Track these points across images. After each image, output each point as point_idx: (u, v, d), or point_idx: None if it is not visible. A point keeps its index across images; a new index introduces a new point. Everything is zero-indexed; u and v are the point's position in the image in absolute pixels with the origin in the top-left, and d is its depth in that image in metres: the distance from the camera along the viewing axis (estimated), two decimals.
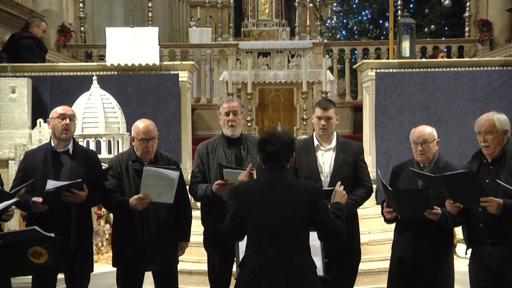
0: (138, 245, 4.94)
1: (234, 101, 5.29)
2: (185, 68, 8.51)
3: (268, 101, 11.49)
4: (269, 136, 3.98)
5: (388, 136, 8.28)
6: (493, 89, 8.25)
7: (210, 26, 16.29)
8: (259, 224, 3.84)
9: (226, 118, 5.17)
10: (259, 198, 3.86)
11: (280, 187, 3.87)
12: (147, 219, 4.97)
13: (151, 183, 4.78)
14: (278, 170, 3.92)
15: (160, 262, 5.00)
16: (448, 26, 14.57)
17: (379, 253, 6.93)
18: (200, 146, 5.31)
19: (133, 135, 5.07)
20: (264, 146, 3.94)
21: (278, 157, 3.92)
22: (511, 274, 4.35)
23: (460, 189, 4.32)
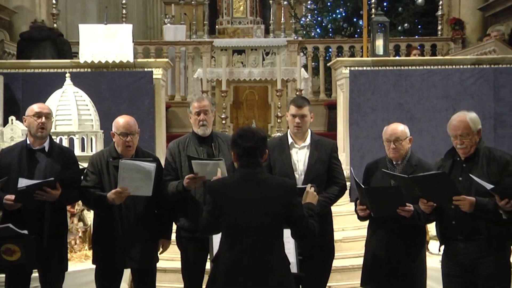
0: (118, 242, 4.92)
1: (204, 99, 5.25)
2: (159, 66, 8.48)
3: (242, 98, 11.51)
4: (245, 131, 4.00)
5: (362, 133, 8.33)
6: (465, 87, 8.33)
7: (185, 24, 16.25)
8: (233, 220, 3.85)
9: (197, 117, 5.14)
10: (234, 194, 3.87)
11: (254, 183, 3.88)
12: (127, 216, 4.94)
13: (128, 176, 4.74)
14: (252, 166, 3.93)
15: (140, 260, 4.98)
16: (421, 25, 14.70)
17: (352, 250, 6.96)
18: (172, 145, 5.29)
19: (114, 130, 5.05)
20: (240, 142, 3.95)
21: (254, 152, 3.93)
22: (482, 270, 4.40)
23: (433, 189, 4.35)
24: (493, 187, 4.16)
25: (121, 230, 4.93)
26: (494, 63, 8.45)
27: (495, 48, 9.92)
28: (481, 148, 4.49)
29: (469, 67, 8.46)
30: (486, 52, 10.07)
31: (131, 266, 5.09)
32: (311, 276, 4.81)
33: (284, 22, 16.04)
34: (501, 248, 4.41)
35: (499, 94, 8.29)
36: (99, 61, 8.20)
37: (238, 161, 4.00)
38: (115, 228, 4.94)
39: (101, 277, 5.06)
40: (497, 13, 13.56)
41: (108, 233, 4.96)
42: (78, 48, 8.53)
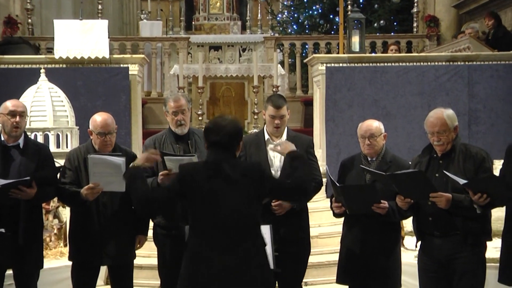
0: (94, 239, 4.89)
1: (181, 99, 5.20)
2: (135, 62, 8.45)
3: (219, 95, 11.49)
4: (213, 124, 3.97)
5: (338, 130, 8.37)
6: (440, 84, 8.40)
7: (161, 20, 16.18)
8: (200, 208, 3.83)
9: (174, 117, 5.12)
10: (202, 182, 3.84)
11: (225, 173, 3.85)
12: (104, 213, 4.92)
13: (98, 171, 4.71)
14: (221, 155, 3.90)
15: (116, 256, 4.96)
16: (397, 22, 14.79)
17: (329, 246, 6.99)
18: (148, 142, 5.27)
19: (91, 128, 5.01)
20: (208, 135, 3.95)
21: (220, 146, 3.90)
22: (458, 265, 4.44)
23: (410, 186, 4.39)
24: (466, 182, 4.20)
25: (98, 226, 4.90)
26: (469, 60, 8.53)
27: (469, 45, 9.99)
28: (458, 144, 4.53)
29: (444, 64, 8.53)
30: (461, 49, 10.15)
31: (107, 263, 5.07)
32: (287, 272, 4.82)
33: (261, 19, 16.03)
34: (477, 244, 4.46)
35: (473, 90, 8.37)
36: (75, 57, 8.14)
37: (208, 149, 3.99)
38: (92, 225, 4.91)
39: (77, 274, 5.03)
40: (471, 10, 13.69)
41: (84, 230, 4.93)
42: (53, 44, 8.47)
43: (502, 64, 8.41)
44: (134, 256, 5.19)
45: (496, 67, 8.39)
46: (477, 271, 4.45)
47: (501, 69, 8.36)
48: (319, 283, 6.78)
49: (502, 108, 8.16)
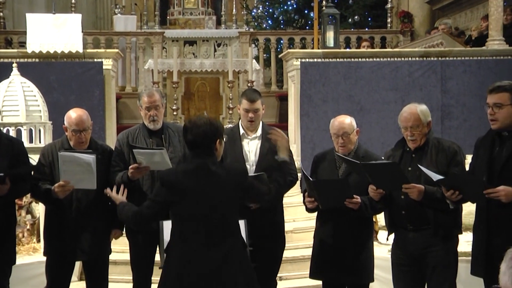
0: (69, 235, 4.86)
1: (155, 94, 5.17)
2: (109, 56, 8.39)
3: (194, 90, 11.47)
4: (190, 124, 3.96)
5: (312, 125, 8.39)
6: (413, 79, 8.46)
7: (135, 14, 16.09)
8: (187, 210, 3.83)
9: (147, 112, 5.11)
10: (187, 184, 3.84)
11: (206, 173, 3.86)
12: (79, 209, 4.89)
13: (68, 169, 4.67)
14: (203, 156, 3.91)
15: (92, 252, 4.94)
16: (371, 17, 14.89)
17: (303, 241, 7.01)
18: (121, 136, 5.24)
19: (66, 125, 4.96)
20: (185, 134, 3.95)
21: (197, 145, 3.90)
22: (430, 259, 4.48)
23: (384, 177, 4.41)
24: (439, 179, 4.24)
25: (72, 222, 4.87)
26: (442, 56, 8.60)
27: (442, 41, 10.09)
28: (431, 139, 4.57)
29: (417, 59, 8.59)
30: (434, 45, 10.24)
31: (83, 258, 5.05)
32: (262, 267, 4.83)
33: (236, 14, 16.02)
34: (449, 237, 4.50)
35: (446, 86, 8.45)
36: (47, 51, 8.06)
37: (188, 150, 4.00)
38: (67, 220, 4.87)
39: (51, 269, 4.99)
40: (444, 6, 13.83)
41: (59, 225, 4.90)
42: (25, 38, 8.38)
43: (474, 59, 8.50)
44: (109, 252, 5.17)
45: (469, 62, 8.48)
46: (449, 264, 4.50)
47: (473, 65, 8.45)
48: (293, 278, 6.79)
49: (474, 104, 8.24)
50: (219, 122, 4.14)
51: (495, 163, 4.27)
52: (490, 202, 4.20)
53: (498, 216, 4.21)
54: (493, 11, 8.53)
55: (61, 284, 4.99)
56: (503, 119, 4.23)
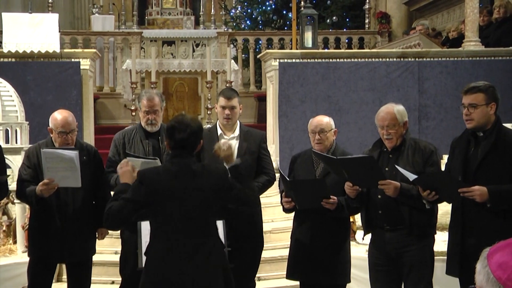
0: (56, 236, 4.84)
1: (155, 98, 5.15)
2: (86, 56, 8.34)
3: (172, 90, 11.44)
4: (178, 123, 3.93)
5: (291, 125, 8.41)
6: (391, 80, 8.51)
7: (113, 14, 16.02)
8: (168, 210, 3.82)
9: (146, 116, 5.12)
10: (168, 184, 3.83)
11: (188, 173, 3.86)
12: (65, 211, 4.87)
13: (52, 167, 4.64)
14: (185, 156, 3.91)
15: (77, 253, 4.93)
16: (349, 18, 14.95)
17: (282, 241, 7.02)
18: (117, 136, 5.26)
19: (51, 126, 4.93)
20: (173, 133, 3.91)
21: (186, 144, 3.90)
22: (407, 258, 4.51)
23: (360, 172, 4.43)
24: (415, 178, 4.27)
25: (59, 223, 4.85)
26: (419, 57, 8.65)
27: (419, 42, 10.15)
28: (407, 139, 4.60)
29: (395, 60, 8.64)
30: (411, 46, 10.30)
31: (69, 260, 5.02)
32: (240, 267, 4.83)
33: (214, 14, 16.01)
34: (424, 236, 4.54)
35: (423, 86, 8.50)
36: (24, 50, 8.00)
37: (171, 150, 3.97)
38: (53, 222, 4.86)
39: (34, 270, 4.97)
40: (422, 7, 13.93)
41: (45, 227, 4.88)
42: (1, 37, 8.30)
43: (451, 60, 8.56)
44: (94, 252, 5.17)
45: (445, 63, 8.54)
46: (425, 264, 4.53)
47: (450, 66, 8.51)
48: (272, 278, 6.80)
49: (451, 104, 8.31)
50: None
51: (470, 163, 4.32)
52: (465, 202, 4.25)
53: (473, 216, 4.26)
54: (469, 13, 8.60)
55: (43, 285, 4.97)
56: (478, 119, 4.28)
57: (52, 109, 5.13)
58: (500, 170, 4.21)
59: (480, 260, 1.81)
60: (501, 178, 4.19)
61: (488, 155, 4.25)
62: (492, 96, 4.31)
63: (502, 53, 8.56)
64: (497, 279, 1.74)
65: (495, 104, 4.31)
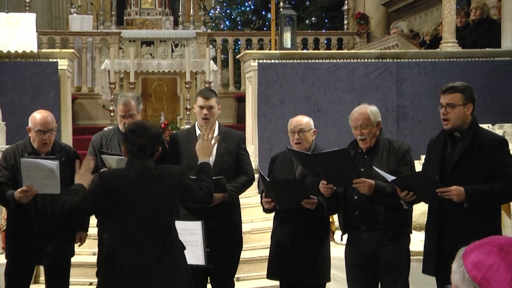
0: (34, 238, 4.80)
1: (130, 102, 5.13)
2: (64, 56, 8.29)
3: (151, 90, 11.40)
4: (137, 127, 3.93)
5: (270, 126, 8.42)
6: (369, 81, 8.54)
7: (92, 14, 15.92)
8: (128, 214, 3.80)
9: (122, 120, 5.10)
10: (129, 189, 3.81)
11: (148, 177, 3.85)
12: (43, 213, 4.83)
13: (32, 175, 4.61)
14: (145, 159, 3.89)
15: (56, 255, 4.89)
16: (328, 19, 14.99)
17: (261, 242, 7.03)
18: (95, 137, 5.24)
19: (30, 126, 4.89)
20: (131, 138, 3.89)
21: (145, 149, 3.89)
22: (383, 258, 4.54)
23: (335, 169, 4.44)
24: (394, 179, 4.29)
25: (37, 226, 4.82)
26: (397, 58, 8.70)
27: (398, 43, 10.22)
28: (381, 140, 4.63)
29: (373, 61, 8.67)
30: (390, 47, 10.37)
31: (46, 262, 4.98)
32: (219, 267, 4.84)
33: (193, 14, 15.98)
34: (400, 235, 4.56)
35: (401, 87, 8.55)
36: (1, 50, 7.92)
37: (129, 154, 3.94)
38: (30, 224, 4.82)
39: (11, 273, 4.93)
40: (400, 8, 14.02)
41: (23, 229, 4.83)
42: None
43: (428, 61, 8.62)
44: (73, 254, 5.14)
45: (423, 64, 8.60)
46: (401, 263, 4.56)
47: (428, 66, 8.57)
48: (251, 279, 6.81)
49: (429, 105, 8.36)
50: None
51: (447, 164, 4.35)
52: (442, 202, 4.29)
53: (450, 216, 4.30)
54: (447, 14, 8.67)
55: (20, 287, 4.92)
56: (455, 119, 4.31)
57: (30, 110, 5.10)
58: (476, 170, 4.25)
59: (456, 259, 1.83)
60: (477, 178, 4.23)
61: (464, 155, 4.28)
62: (469, 97, 4.35)
63: (479, 54, 8.64)
64: (473, 279, 1.76)
65: (472, 105, 4.35)
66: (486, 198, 4.21)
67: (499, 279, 1.73)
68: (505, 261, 1.74)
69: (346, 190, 4.64)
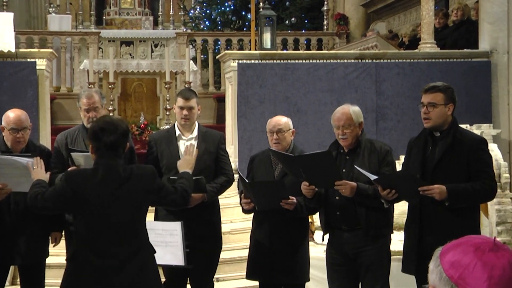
0: (6, 238, 4.76)
1: (94, 95, 5.14)
2: (43, 56, 8.22)
3: (130, 90, 11.34)
4: (107, 124, 3.81)
5: (250, 126, 8.41)
6: (349, 81, 8.56)
7: (70, 14, 15.81)
8: (94, 216, 3.74)
9: (86, 114, 5.07)
10: (94, 191, 3.74)
11: (116, 178, 3.78)
12: (16, 212, 4.80)
13: (6, 173, 4.58)
14: (113, 159, 3.81)
15: (29, 255, 4.86)
16: (308, 19, 15.03)
17: (241, 242, 7.03)
18: (59, 137, 5.19)
19: (3, 124, 4.88)
20: (102, 135, 3.78)
21: (117, 146, 3.81)
22: (364, 258, 4.56)
23: (317, 171, 4.45)
24: (376, 178, 4.32)
25: (9, 225, 4.79)
26: (376, 58, 8.72)
27: (377, 44, 10.27)
28: (363, 140, 4.65)
29: (353, 61, 8.69)
30: (369, 47, 10.41)
31: (19, 262, 4.94)
32: (199, 268, 4.84)
33: (173, 14, 15.93)
34: (381, 236, 4.59)
35: (380, 88, 8.57)
36: None
37: (96, 153, 3.85)
38: (4, 223, 4.78)
39: None
40: (379, 9, 14.09)
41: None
42: None
43: (407, 62, 8.66)
44: (47, 255, 5.10)
45: (402, 65, 8.63)
46: (382, 263, 4.59)
47: (407, 67, 8.61)
48: (230, 279, 6.81)
49: (408, 105, 8.40)
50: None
51: (428, 163, 4.39)
52: (423, 201, 4.32)
53: (430, 214, 4.33)
54: (425, 15, 8.72)
55: None
56: (436, 119, 4.35)
57: (7, 110, 5.05)
58: (457, 170, 4.29)
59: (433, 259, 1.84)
60: (458, 177, 4.28)
61: (445, 155, 4.32)
62: (450, 97, 4.40)
63: (457, 55, 8.70)
64: (450, 278, 1.77)
65: (453, 105, 4.40)
66: (467, 196, 4.26)
67: (476, 278, 1.74)
68: (481, 260, 1.76)
69: (327, 190, 4.65)
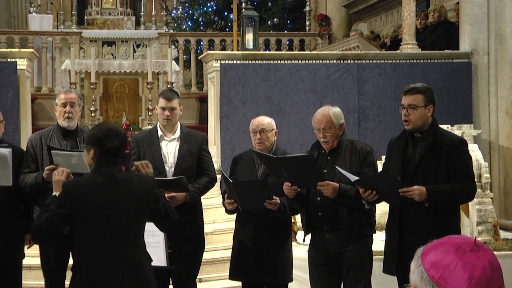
0: None
1: (72, 92, 5.18)
2: (23, 56, 8.17)
3: (112, 91, 11.30)
4: (109, 130, 3.82)
5: (232, 126, 8.41)
6: (331, 82, 8.58)
7: (52, 13, 15.71)
8: (96, 223, 3.72)
9: (62, 109, 5.04)
10: (96, 196, 3.73)
11: (117, 184, 3.78)
12: None
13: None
14: (112, 166, 3.81)
15: (5, 256, 4.80)
16: (290, 20, 15.06)
17: (223, 242, 7.03)
18: (33, 136, 5.16)
19: None
20: (106, 142, 3.77)
21: (119, 153, 3.82)
22: (346, 258, 4.58)
23: (299, 172, 4.46)
24: (357, 179, 4.34)
25: None
26: (358, 59, 8.75)
27: (359, 44, 10.30)
28: (344, 141, 4.67)
29: (335, 62, 8.70)
30: (351, 48, 10.45)
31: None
32: (181, 268, 4.83)
33: (155, 14, 15.88)
34: (362, 236, 4.61)
35: (362, 88, 8.61)
36: None
37: (96, 159, 3.83)
38: None
39: None
40: (361, 10, 14.15)
41: None
42: None
43: (388, 63, 8.70)
44: (22, 256, 5.04)
45: (384, 65, 8.67)
46: (363, 263, 4.61)
47: (388, 68, 8.65)
48: (213, 279, 6.80)
49: (389, 105, 8.44)
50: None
51: (409, 164, 4.41)
52: (403, 202, 4.34)
53: (411, 215, 4.36)
54: (406, 16, 8.77)
55: None
56: (416, 120, 4.37)
57: None
58: (437, 171, 4.32)
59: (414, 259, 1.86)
60: (438, 178, 4.30)
61: (425, 156, 4.35)
62: (430, 98, 4.42)
63: (438, 56, 8.76)
64: (431, 278, 1.79)
65: (432, 106, 4.42)
66: (447, 197, 4.28)
67: (457, 278, 1.76)
68: (462, 260, 1.77)
69: (309, 191, 4.66)
